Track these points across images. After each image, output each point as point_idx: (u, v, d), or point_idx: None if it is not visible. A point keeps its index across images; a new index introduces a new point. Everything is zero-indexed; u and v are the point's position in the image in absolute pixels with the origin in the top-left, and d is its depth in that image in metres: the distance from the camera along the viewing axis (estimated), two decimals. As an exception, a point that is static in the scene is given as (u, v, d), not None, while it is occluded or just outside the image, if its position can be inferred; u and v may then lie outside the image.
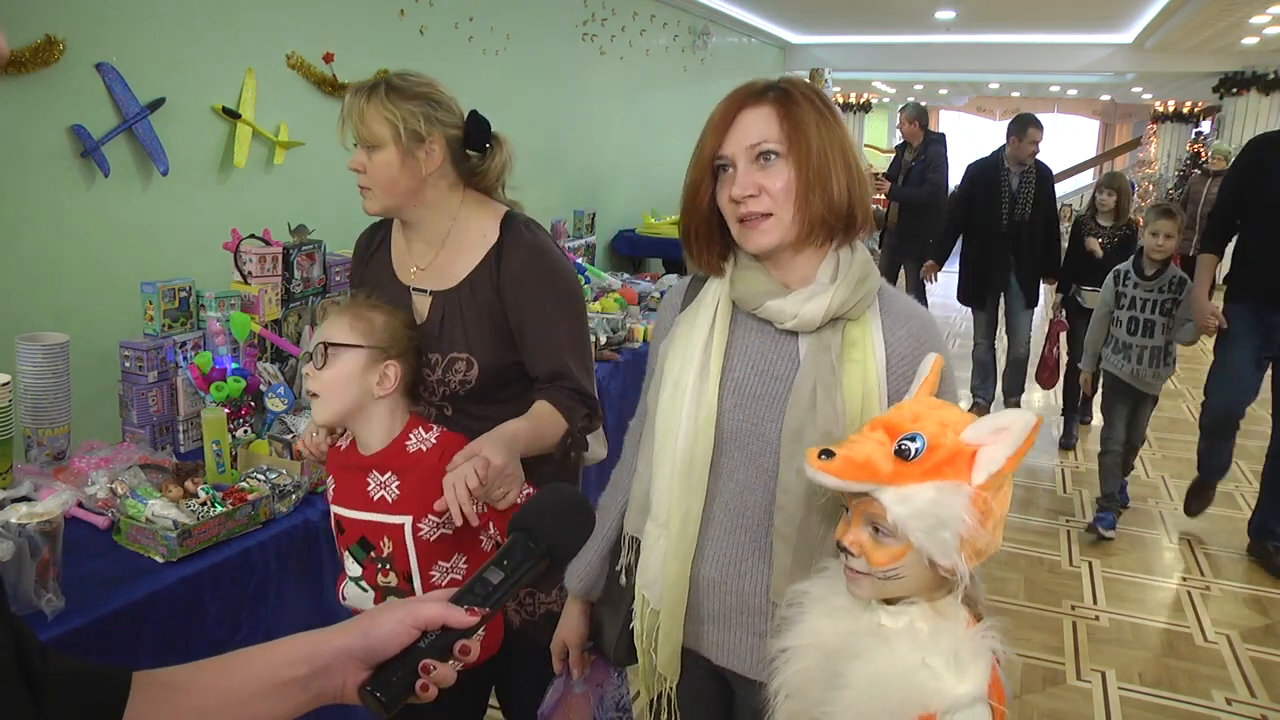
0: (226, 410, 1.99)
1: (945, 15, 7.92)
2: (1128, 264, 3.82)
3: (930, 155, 6.16)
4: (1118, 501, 3.92)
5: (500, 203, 1.68)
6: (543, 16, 5.08)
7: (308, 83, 3.48)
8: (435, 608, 0.83)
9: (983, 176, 5.02)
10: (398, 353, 1.48)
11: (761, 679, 1.18)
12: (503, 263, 1.58)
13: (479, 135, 1.62)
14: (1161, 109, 12.58)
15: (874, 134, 15.90)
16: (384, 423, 1.48)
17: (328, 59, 3.52)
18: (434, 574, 1.48)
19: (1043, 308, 5.69)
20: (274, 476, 1.85)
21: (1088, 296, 4.55)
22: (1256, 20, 7.24)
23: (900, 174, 6.32)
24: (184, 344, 2.17)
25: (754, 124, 1.20)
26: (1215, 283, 3.66)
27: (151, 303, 2.17)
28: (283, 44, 3.36)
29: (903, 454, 1.03)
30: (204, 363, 2.10)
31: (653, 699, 1.39)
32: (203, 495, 1.71)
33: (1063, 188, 12.80)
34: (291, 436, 2.02)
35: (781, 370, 1.24)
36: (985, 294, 5.15)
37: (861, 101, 13.23)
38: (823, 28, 9.10)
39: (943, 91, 16.18)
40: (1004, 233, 4.92)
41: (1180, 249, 5.94)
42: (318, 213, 2.88)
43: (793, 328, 1.23)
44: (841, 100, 12.86)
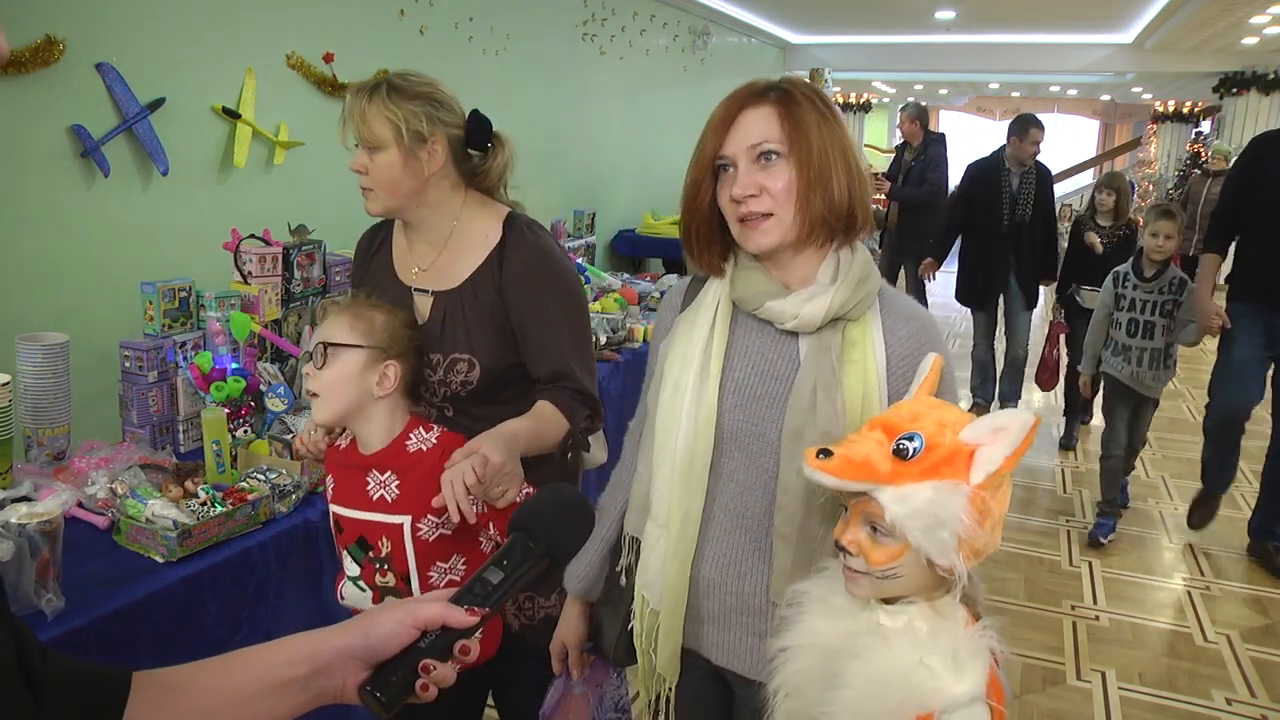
0: (226, 410, 1.99)
1: (945, 15, 7.92)
2: (1127, 265, 3.78)
3: (930, 155, 6.16)
4: (1118, 506, 3.90)
5: (502, 203, 1.67)
6: (543, 16, 5.08)
7: (308, 83, 3.48)
8: (435, 608, 0.83)
9: (983, 176, 5.00)
10: (398, 353, 1.48)
11: (761, 679, 1.18)
12: (505, 263, 1.58)
13: (480, 135, 1.61)
14: (1161, 109, 12.59)
15: (874, 134, 15.89)
16: (384, 423, 1.48)
17: (328, 59, 3.52)
18: (432, 575, 1.47)
19: (1042, 308, 5.69)
20: (274, 476, 1.85)
21: (1087, 296, 4.52)
22: (1256, 20, 7.24)
23: (900, 174, 6.32)
24: (184, 344, 2.17)
25: (755, 124, 1.20)
26: (1216, 283, 3.64)
27: (151, 303, 2.17)
28: (283, 44, 3.36)
29: (901, 453, 1.03)
30: (204, 363, 2.10)
31: (652, 699, 1.39)
32: (203, 495, 1.71)
33: (1063, 188, 12.80)
34: (291, 436, 2.02)
35: (782, 371, 1.24)
36: (985, 295, 5.13)
37: (861, 101, 13.23)
38: (823, 28, 9.10)
39: (943, 91, 16.17)
40: (1004, 233, 4.90)
41: (1180, 249, 5.95)
42: (318, 213, 2.88)
43: (793, 328, 1.23)
44: (841, 100, 12.86)
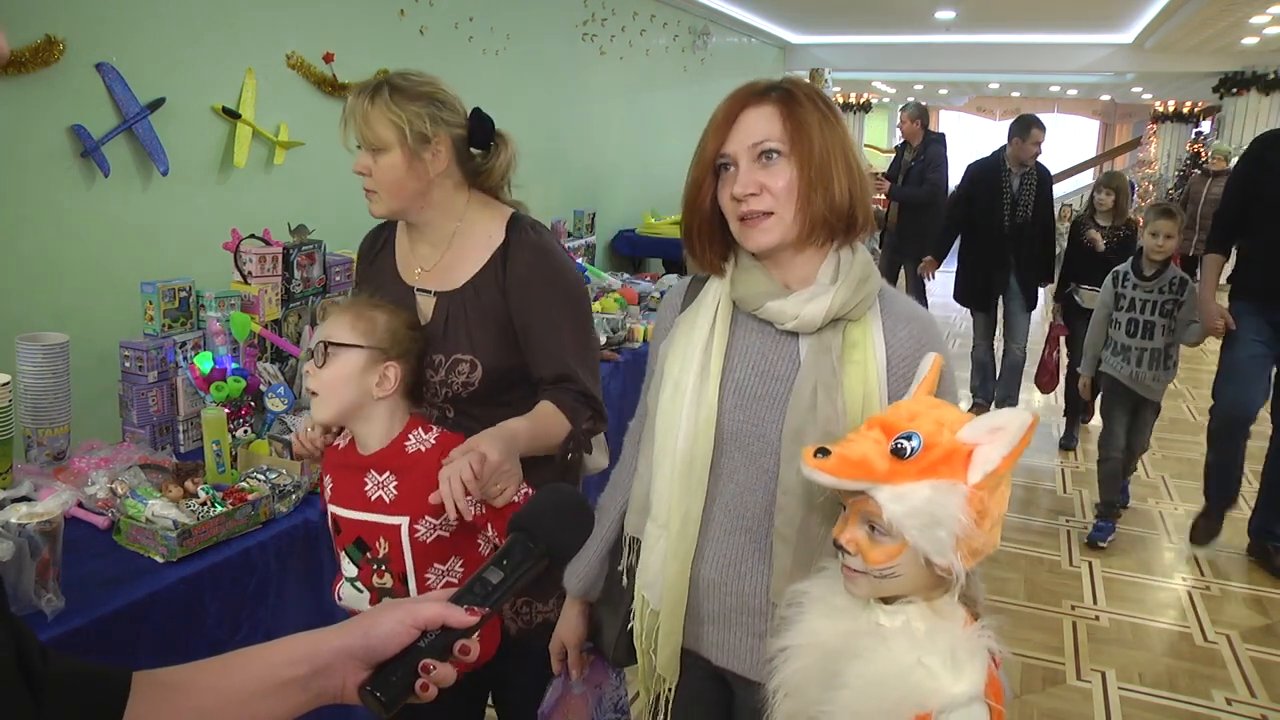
0: (226, 410, 1.99)
1: (945, 15, 7.92)
2: (1127, 265, 3.75)
3: (930, 155, 6.16)
4: (1117, 508, 3.87)
5: (506, 203, 1.67)
6: (543, 16, 5.08)
7: (308, 83, 3.48)
8: (435, 607, 0.83)
9: (984, 177, 4.98)
10: (398, 354, 1.47)
11: (761, 680, 1.18)
12: (508, 264, 1.57)
13: (483, 133, 1.60)
14: (1161, 109, 12.60)
15: (874, 134, 15.90)
16: (383, 423, 1.47)
17: (328, 59, 3.52)
18: (429, 576, 1.46)
19: (1042, 309, 5.68)
20: (274, 476, 1.85)
21: (1086, 296, 4.49)
22: (1256, 20, 7.24)
23: (900, 174, 6.33)
24: (184, 344, 2.17)
25: (756, 123, 1.20)
26: (1218, 283, 3.63)
27: (151, 303, 2.18)
28: (283, 44, 3.36)
29: (899, 453, 1.03)
30: (204, 363, 2.10)
31: (652, 700, 1.39)
32: (203, 495, 1.71)
33: (1062, 188, 12.81)
34: (291, 436, 2.02)
35: (782, 371, 1.24)
36: (985, 295, 5.11)
37: (861, 101, 13.24)
38: (823, 28, 9.10)
39: (943, 91, 16.18)
40: (1005, 234, 4.88)
41: (1180, 249, 5.93)
42: (318, 213, 2.88)
43: (793, 328, 1.23)
44: (841, 100, 12.86)
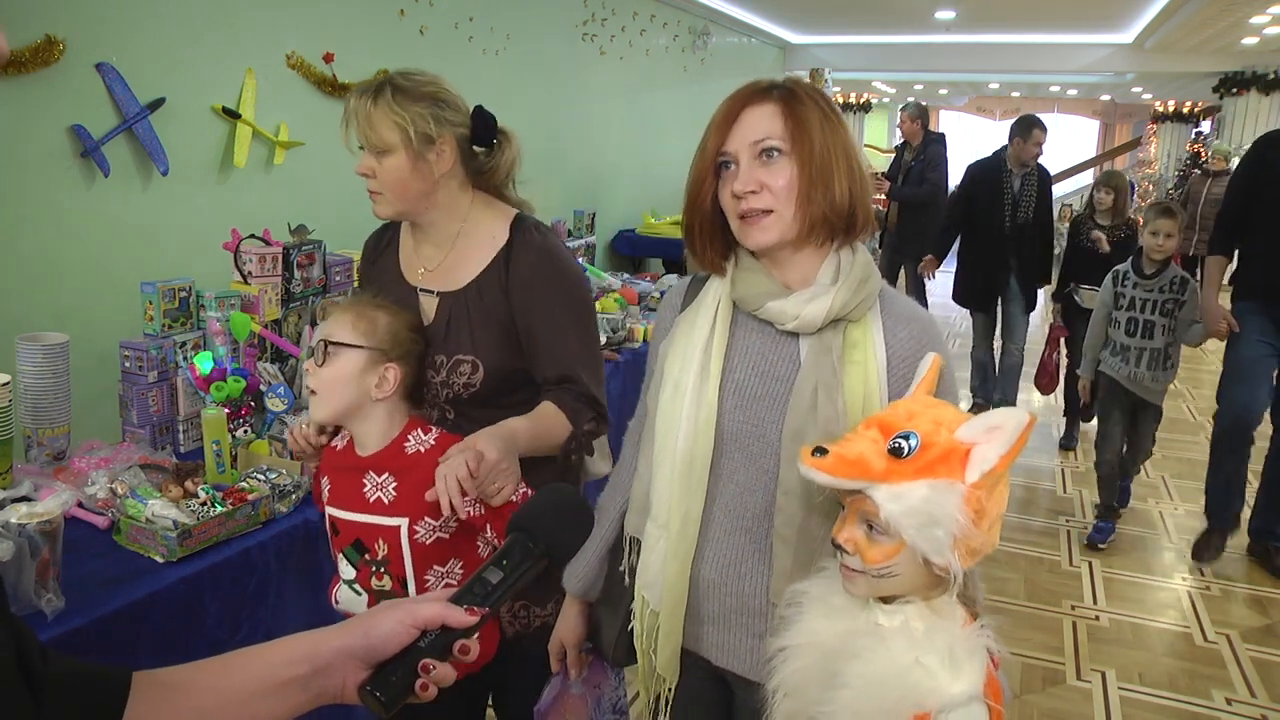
0: (226, 410, 1.99)
1: (945, 15, 7.92)
2: (1127, 264, 3.72)
3: (930, 155, 6.16)
4: (1117, 509, 3.86)
5: (511, 202, 1.66)
6: (543, 16, 5.08)
7: (308, 83, 3.48)
8: (434, 607, 0.83)
9: (985, 177, 4.96)
10: (398, 355, 1.47)
11: (761, 680, 1.18)
12: (511, 265, 1.56)
13: (485, 131, 1.59)
14: (1161, 109, 12.60)
15: (874, 134, 15.90)
16: (382, 424, 1.47)
17: (328, 59, 3.52)
18: (429, 578, 1.45)
19: (1041, 310, 5.67)
20: (274, 476, 1.85)
21: (1086, 296, 4.46)
22: (1256, 20, 7.24)
23: (900, 174, 6.32)
24: (184, 344, 2.17)
25: (758, 121, 1.20)
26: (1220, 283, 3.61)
27: (151, 303, 2.18)
28: (283, 44, 3.36)
29: (896, 452, 1.03)
30: (204, 363, 2.10)
31: (652, 700, 1.39)
32: (203, 495, 1.71)
33: (1062, 188, 12.81)
34: (286, 431, 2.01)
35: (782, 371, 1.24)
36: (985, 296, 5.08)
37: (861, 101, 13.24)
38: (823, 28, 9.10)
39: (943, 91, 16.18)
40: (1006, 235, 4.86)
41: (1180, 249, 5.92)
42: (318, 213, 2.88)
43: (794, 329, 1.23)
44: (841, 100, 12.86)
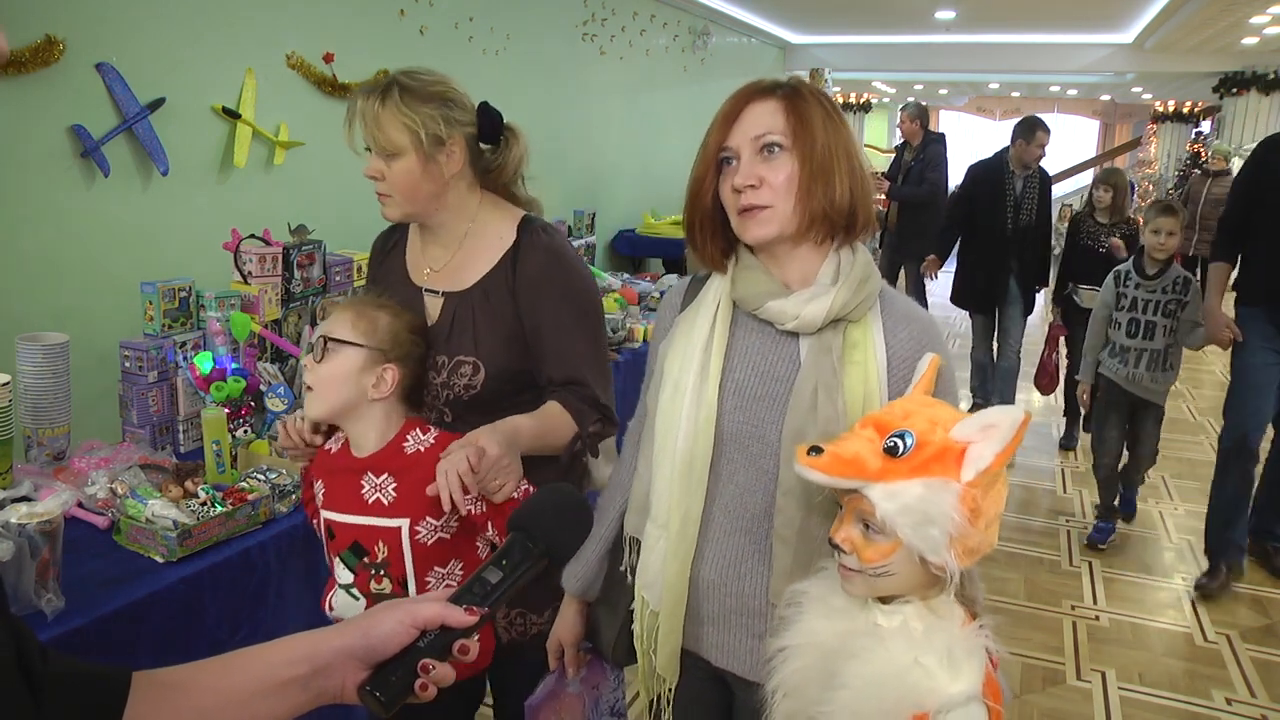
0: (226, 410, 1.99)
1: (945, 15, 7.92)
2: (1128, 264, 3.67)
3: (929, 155, 6.16)
4: (1118, 512, 3.84)
5: (520, 200, 1.64)
6: (543, 16, 5.08)
7: (308, 83, 3.48)
8: (434, 607, 0.84)
9: (986, 178, 4.91)
10: (398, 357, 1.45)
11: (760, 680, 1.18)
12: (518, 265, 1.54)
13: (491, 128, 1.57)
14: (1161, 109, 12.60)
15: (874, 134, 15.90)
16: (378, 426, 1.45)
17: (328, 59, 3.52)
18: (429, 580, 1.44)
19: (1040, 310, 5.67)
20: (274, 476, 1.86)
21: (1085, 296, 4.44)
22: (1256, 20, 7.24)
23: (900, 174, 6.32)
24: (184, 344, 2.17)
25: (760, 117, 1.21)
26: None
27: (151, 303, 2.18)
28: (283, 44, 3.36)
29: (891, 451, 1.03)
30: (204, 363, 2.10)
31: (651, 700, 1.39)
32: (203, 495, 1.72)
33: (1062, 188, 12.80)
34: (278, 425, 2.00)
35: (782, 372, 1.24)
36: (985, 298, 5.02)
37: (861, 101, 13.23)
38: (823, 28, 9.10)
39: (943, 91, 16.18)
40: (1008, 237, 4.82)
41: (1180, 248, 5.90)
42: (318, 213, 2.89)
43: (794, 329, 1.23)
44: (841, 100, 12.86)
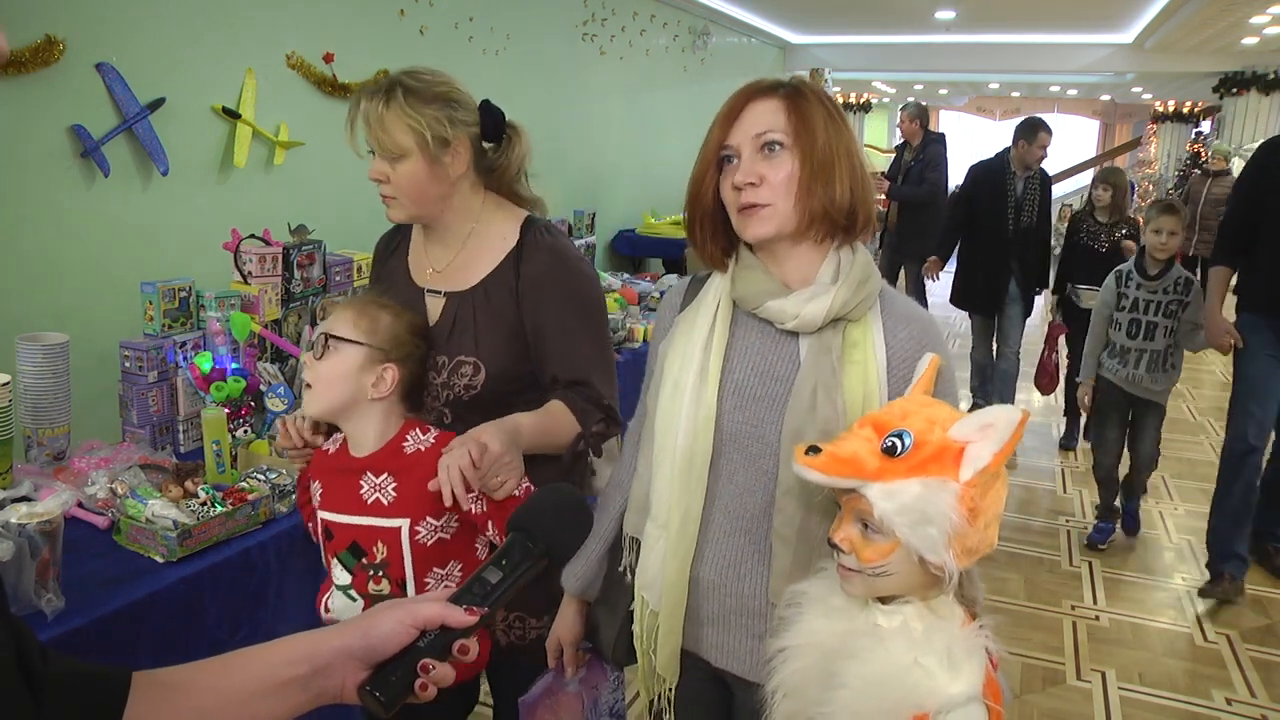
0: (226, 410, 1.99)
1: (945, 15, 7.92)
2: (1129, 264, 3.66)
3: (929, 155, 6.16)
4: (1116, 511, 3.83)
5: (524, 199, 1.64)
6: (543, 16, 5.08)
7: (308, 83, 3.48)
8: (434, 607, 0.84)
9: (988, 178, 4.89)
10: (398, 357, 1.45)
11: (760, 681, 1.18)
12: (522, 266, 1.54)
13: (494, 126, 1.56)
14: (1161, 109, 12.60)
15: (874, 134, 15.90)
16: (377, 426, 1.45)
17: (328, 59, 3.52)
18: (428, 581, 1.43)
19: (1040, 310, 5.66)
20: (274, 476, 1.85)
21: (1085, 295, 4.43)
22: (1256, 20, 7.24)
23: (900, 174, 6.32)
24: (184, 344, 2.17)
25: (762, 115, 1.21)
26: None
27: (151, 303, 2.18)
28: (283, 44, 3.36)
29: (889, 450, 1.03)
30: (204, 363, 2.10)
31: (651, 700, 1.39)
32: (203, 495, 1.71)
33: (1062, 188, 12.79)
34: (277, 423, 2.00)
35: (782, 371, 1.24)
36: (986, 299, 4.99)
37: (861, 101, 13.23)
38: (823, 28, 9.10)
39: (943, 91, 16.18)
40: (1010, 238, 4.80)
41: (1180, 248, 5.90)
42: (318, 213, 2.88)
43: (794, 328, 1.23)
44: (841, 100, 12.85)
